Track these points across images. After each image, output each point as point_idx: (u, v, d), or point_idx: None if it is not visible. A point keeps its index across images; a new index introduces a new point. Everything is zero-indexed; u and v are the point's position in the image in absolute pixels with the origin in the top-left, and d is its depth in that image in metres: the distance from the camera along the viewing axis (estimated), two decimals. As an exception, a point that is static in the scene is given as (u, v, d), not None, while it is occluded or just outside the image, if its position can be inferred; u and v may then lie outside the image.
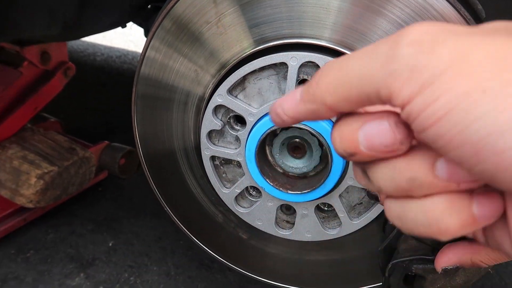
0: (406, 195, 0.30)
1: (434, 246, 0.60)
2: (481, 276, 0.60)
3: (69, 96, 2.20)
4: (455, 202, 0.28)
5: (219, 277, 1.45)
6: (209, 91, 0.69)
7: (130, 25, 1.79)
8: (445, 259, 0.57)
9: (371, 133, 0.30)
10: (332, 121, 0.63)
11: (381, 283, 0.71)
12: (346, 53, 0.61)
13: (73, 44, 3.51)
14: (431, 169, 0.29)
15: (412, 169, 0.29)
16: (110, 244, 1.55)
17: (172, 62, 0.70)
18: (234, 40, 0.65)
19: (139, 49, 3.86)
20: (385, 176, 0.31)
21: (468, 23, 0.56)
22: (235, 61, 0.67)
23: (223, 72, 0.68)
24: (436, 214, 0.28)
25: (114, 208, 1.74)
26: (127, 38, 3.58)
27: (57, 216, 1.63)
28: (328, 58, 0.60)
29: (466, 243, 0.56)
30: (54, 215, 1.62)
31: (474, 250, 0.55)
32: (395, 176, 0.30)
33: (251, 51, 0.65)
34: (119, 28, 1.71)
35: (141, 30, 2.04)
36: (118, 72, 3.12)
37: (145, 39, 1.90)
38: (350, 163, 0.65)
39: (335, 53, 0.61)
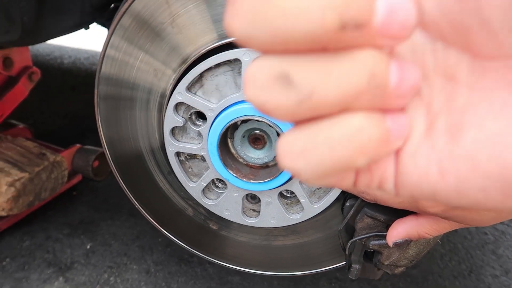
0: (342, 108, 0.24)
1: (387, 222, 0.64)
2: (431, 246, 0.65)
3: (38, 101, 2.17)
4: (373, 116, 0.25)
5: (198, 271, 1.48)
6: (170, 86, 0.71)
7: (95, 26, 1.77)
8: (395, 234, 0.62)
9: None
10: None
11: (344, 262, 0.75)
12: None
13: (39, 47, 3.44)
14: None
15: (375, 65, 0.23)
16: (88, 247, 1.55)
17: (133, 59, 0.72)
18: (193, 37, 0.68)
19: (107, 50, 3.77)
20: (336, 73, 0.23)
21: None
22: (195, 57, 0.69)
23: (184, 67, 0.69)
24: (358, 126, 0.24)
25: (90, 210, 1.74)
26: (95, 39, 3.52)
27: (31, 222, 1.62)
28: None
29: (413, 218, 0.61)
30: (29, 222, 1.61)
31: (420, 223, 0.60)
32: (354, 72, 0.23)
33: (208, 48, 0.68)
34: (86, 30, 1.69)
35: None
36: (87, 74, 3.08)
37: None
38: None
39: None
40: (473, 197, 0.26)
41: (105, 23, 1.56)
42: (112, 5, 1.48)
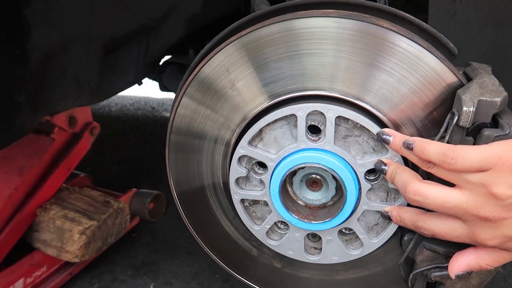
0: None
1: (446, 254, 0.68)
2: (492, 275, 0.68)
3: (93, 149, 2.34)
4: None
5: (257, 305, 1.53)
6: (233, 140, 0.80)
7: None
8: (456, 266, 0.65)
9: None
10: (344, 159, 0.73)
11: (406, 293, 0.79)
12: (346, 99, 0.72)
13: (87, 98, 3.68)
14: None
15: None
16: (151, 286, 1.65)
17: (201, 116, 0.81)
18: (250, 98, 0.77)
19: (150, 94, 3.99)
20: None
21: (443, 62, 0.66)
22: (253, 114, 0.78)
23: (245, 123, 0.78)
24: None
25: (150, 251, 1.84)
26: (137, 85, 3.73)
27: (98, 266, 1.74)
28: (329, 106, 0.71)
29: (472, 251, 0.65)
30: (96, 266, 1.73)
31: (479, 255, 0.64)
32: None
33: (265, 106, 0.76)
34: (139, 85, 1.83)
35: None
36: (134, 119, 3.28)
37: (154, 83, 1.98)
38: (363, 191, 0.75)
39: (336, 100, 0.72)
40: None
41: (156, 77, 1.70)
42: (162, 61, 1.63)
